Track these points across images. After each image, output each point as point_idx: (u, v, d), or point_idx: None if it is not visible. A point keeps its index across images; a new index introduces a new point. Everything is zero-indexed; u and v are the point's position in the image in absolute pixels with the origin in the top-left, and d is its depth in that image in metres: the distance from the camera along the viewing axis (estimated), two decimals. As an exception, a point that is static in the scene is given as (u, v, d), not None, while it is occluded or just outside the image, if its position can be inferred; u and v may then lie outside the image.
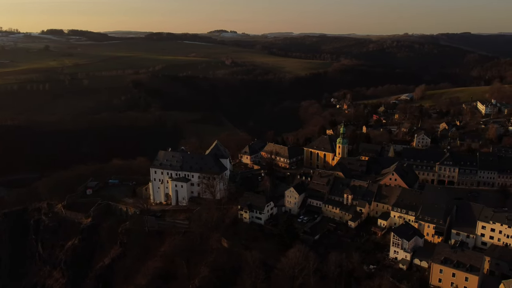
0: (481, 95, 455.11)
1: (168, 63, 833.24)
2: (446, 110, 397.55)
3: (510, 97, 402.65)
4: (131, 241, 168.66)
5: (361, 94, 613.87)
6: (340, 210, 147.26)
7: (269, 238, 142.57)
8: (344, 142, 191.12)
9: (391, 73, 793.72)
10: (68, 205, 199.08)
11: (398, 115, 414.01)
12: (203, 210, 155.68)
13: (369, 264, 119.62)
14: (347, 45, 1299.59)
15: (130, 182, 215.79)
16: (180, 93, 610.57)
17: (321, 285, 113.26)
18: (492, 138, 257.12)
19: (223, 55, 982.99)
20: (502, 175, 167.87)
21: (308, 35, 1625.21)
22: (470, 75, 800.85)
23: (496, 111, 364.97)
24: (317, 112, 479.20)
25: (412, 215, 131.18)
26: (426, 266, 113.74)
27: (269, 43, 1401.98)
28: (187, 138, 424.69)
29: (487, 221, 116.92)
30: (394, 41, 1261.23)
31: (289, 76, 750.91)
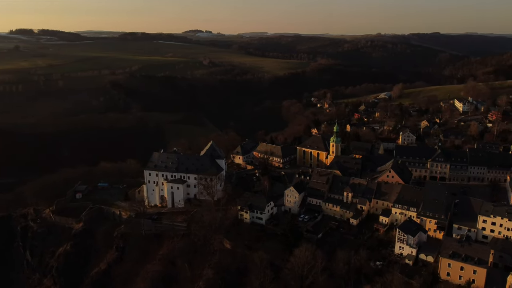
0: (456, 93, 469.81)
1: (145, 63, 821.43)
2: (425, 108, 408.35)
3: (485, 94, 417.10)
4: (127, 245, 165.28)
5: (340, 93, 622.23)
6: (341, 208, 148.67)
7: (272, 238, 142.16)
8: (338, 140, 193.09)
9: (367, 73, 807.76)
10: (57, 210, 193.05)
11: (379, 113, 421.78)
12: (203, 212, 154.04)
13: (375, 260, 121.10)
14: (322, 45, 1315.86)
15: (121, 185, 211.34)
16: (160, 94, 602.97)
17: (330, 283, 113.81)
18: (474, 134, 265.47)
19: (200, 55, 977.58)
20: (492, 170, 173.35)
21: (283, 35, 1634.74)
22: (442, 74, 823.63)
23: (473, 109, 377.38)
24: (300, 112, 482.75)
25: (414, 211, 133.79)
26: (432, 261, 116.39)
27: (245, 43, 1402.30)
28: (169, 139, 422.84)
29: (487, 215, 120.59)
30: (368, 41, 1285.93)
31: (268, 76, 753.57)
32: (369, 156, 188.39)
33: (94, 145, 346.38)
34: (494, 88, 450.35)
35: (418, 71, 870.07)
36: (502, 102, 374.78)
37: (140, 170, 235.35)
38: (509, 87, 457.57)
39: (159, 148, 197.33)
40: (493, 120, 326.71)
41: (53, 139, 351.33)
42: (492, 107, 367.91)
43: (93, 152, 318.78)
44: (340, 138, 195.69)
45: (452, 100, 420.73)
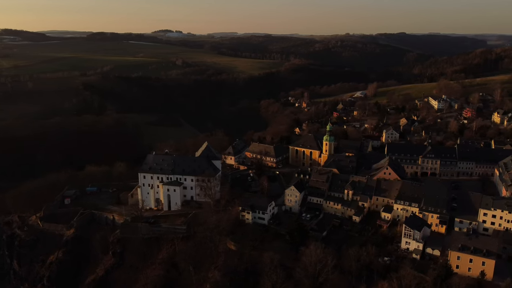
0: (429, 92, 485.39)
1: (116, 64, 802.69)
2: (402, 106, 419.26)
3: (458, 92, 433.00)
4: (125, 250, 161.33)
5: (315, 92, 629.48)
6: (342, 206, 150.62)
7: (277, 238, 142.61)
8: (331, 139, 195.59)
9: (340, 72, 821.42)
10: (45, 217, 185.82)
11: (357, 112, 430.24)
12: (205, 213, 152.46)
13: (383, 256, 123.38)
14: (294, 45, 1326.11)
15: (110, 189, 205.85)
16: (134, 95, 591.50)
17: (342, 281, 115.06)
18: (454, 131, 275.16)
19: (172, 56, 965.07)
20: (480, 165, 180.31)
21: (254, 35, 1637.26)
22: (412, 73, 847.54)
23: (447, 106, 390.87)
24: (279, 111, 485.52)
25: (415, 207, 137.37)
26: (438, 254, 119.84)
27: (217, 43, 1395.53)
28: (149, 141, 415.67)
29: (488, 208, 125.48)
30: (338, 41, 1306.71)
31: (243, 76, 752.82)
32: (363, 154, 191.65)
33: (74, 149, 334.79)
34: (465, 86, 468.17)
35: (388, 70, 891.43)
36: (474, 100, 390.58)
37: (129, 173, 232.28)
38: (478, 85, 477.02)
39: (142, 150, 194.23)
40: (468, 117, 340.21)
41: (28, 143, 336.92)
42: (466, 105, 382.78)
43: (73, 156, 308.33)
44: (333, 136, 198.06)
45: (427, 98, 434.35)
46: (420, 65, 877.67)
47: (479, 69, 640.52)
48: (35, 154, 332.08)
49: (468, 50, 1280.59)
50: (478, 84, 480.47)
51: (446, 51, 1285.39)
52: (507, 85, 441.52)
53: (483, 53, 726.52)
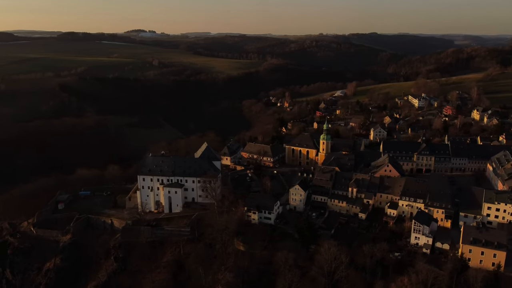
0: (407, 90, 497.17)
1: (91, 65, 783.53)
2: (384, 104, 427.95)
3: (436, 90, 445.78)
4: (127, 255, 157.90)
5: (295, 92, 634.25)
6: (347, 204, 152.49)
7: (285, 237, 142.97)
8: (328, 138, 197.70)
9: (317, 72, 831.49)
10: (39, 223, 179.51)
11: (339, 110, 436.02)
12: (209, 215, 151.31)
13: (393, 252, 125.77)
14: (269, 45, 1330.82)
15: (104, 192, 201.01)
16: (113, 96, 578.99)
17: (358, 277, 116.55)
18: (439, 128, 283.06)
19: (148, 56, 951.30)
20: (472, 160, 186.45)
21: (228, 35, 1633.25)
22: (386, 72, 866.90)
23: (427, 104, 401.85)
24: (262, 111, 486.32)
25: (420, 203, 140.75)
26: (447, 248, 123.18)
27: (192, 43, 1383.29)
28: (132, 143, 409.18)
29: (492, 202, 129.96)
30: (313, 41, 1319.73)
31: (222, 76, 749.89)
32: (359, 152, 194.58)
33: (56, 152, 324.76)
34: (442, 84, 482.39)
35: (364, 70, 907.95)
36: (453, 98, 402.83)
37: (123, 176, 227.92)
38: (453, 84, 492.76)
39: (128, 153, 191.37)
40: (449, 115, 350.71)
41: (8, 148, 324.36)
42: (445, 103, 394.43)
43: (57, 160, 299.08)
44: (330, 135, 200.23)
45: (406, 97, 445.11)
46: (394, 64, 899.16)
47: (452, 68, 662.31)
48: (16, 158, 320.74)
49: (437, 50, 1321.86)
50: (454, 83, 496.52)
51: (416, 50, 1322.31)
52: (481, 83, 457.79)
53: (454, 52, 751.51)
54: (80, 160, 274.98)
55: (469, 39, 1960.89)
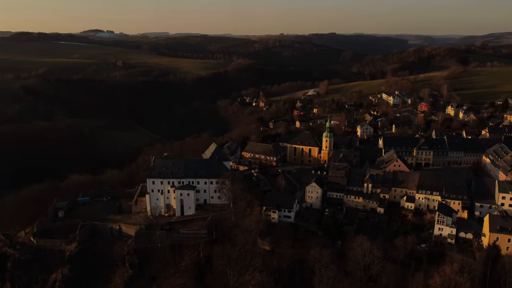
0: (378, 88, 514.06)
1: (51, 66, 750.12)
2: (359, 102, 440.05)
3: (407, 88, 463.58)
4: (143, 261, 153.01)
5: (266, 91, 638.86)
6: (364, 199, 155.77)
7: (309, 235, 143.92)
8: (331, 135, 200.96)
9: (285, 71, 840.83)
10: (39, 233, 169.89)
11: (316, 109, 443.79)
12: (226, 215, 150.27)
13: (420, 243, 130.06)
14: (233, 45, 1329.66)
15: (104, 198, 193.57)
16: (81, 99, 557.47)
17: (395, 270, 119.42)
18: (422, 124, 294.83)
19: (111, 56, 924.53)
20: (468, 153, 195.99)
21: (190, 35, 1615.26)
22: (351, 71, 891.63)
23: (402, 101, 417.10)
24: (239, 111, 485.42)
25: (436, 195, 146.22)
26: (471, 238, 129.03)
27: (153, 43, 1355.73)
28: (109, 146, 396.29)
29: (506, 192, 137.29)
30: (276, 40, 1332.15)
31: (191, 77, 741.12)
32: (364, 149, 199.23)
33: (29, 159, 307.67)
34: (411, 82, 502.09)
35: (328, 69, 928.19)
36: (425, 95, 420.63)
37: (120, 180, 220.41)
38: (421, 81, 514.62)
39: (107, 157, 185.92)
40: (424, 111, 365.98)
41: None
42: (418, 100, 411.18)
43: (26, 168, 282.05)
44: (332, 133, 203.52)
45: (380, 95, 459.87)
46: (358, 63, 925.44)
47: (414, 67, 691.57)
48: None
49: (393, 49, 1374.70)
50: (422, 80, 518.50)
51: (374, 50, 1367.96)
52: (447, 81, 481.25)
53: (415, 51, 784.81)
54: (64, 165, 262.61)
55: (421, 39, 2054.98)
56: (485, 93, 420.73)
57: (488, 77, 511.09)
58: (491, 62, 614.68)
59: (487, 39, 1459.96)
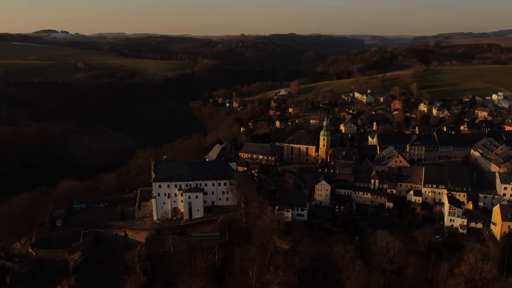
0: (347, 87, 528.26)
1: (7, 68, 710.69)
2: (334, 101, 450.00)
3: (377, 87, 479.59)
4: (156, 267, 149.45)
5: (237, 91, 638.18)
6: (372, 195, 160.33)
7: (324, 232, 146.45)
8: (328, 134, 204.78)
9: (252, 72, 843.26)
10: (38, 243, 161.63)
11: (292, 109, 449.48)
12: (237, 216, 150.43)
13: (434, 235, 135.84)
14: (195, 46, 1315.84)
15: (102, 204, 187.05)
16: (44, 102, 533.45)
17: (419, 262, 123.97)
18: (401, 121, 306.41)
19: (70, 58, 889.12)
20: (456, 148, 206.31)
21: (150, 35, 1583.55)
22: (315, 71, 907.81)
23: (375, 100, 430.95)
24: (215, 112, 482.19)
25: (442, 188, 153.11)
26: (481, 227, 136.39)
27: (113, 44, 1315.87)
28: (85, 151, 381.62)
29: (507, 183, 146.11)
30: (239, 41, 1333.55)
31: (159, 78, 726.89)
32: (360, 146, 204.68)
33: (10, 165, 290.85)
34: (379, 81, 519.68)
35: (294, 69, 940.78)
36: (396, 93, 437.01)
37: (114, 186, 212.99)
38: (389, 80, 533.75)
39: (83, 163, 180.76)
40: (397, 109, 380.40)
41: None
42: (390, 98, 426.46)
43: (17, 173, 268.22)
44: (329, 132, 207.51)
45: (352, 93, 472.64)
46: (322, 63, 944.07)
47: (378, 66, 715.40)
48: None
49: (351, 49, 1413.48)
50: (389, 79, 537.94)
51: (332, 50, 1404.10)
52: (415, 79, 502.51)
53: (378, 51, 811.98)
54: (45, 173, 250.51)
55: (376, 39, 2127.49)
56: (451, 90, 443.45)
57: (450, 75, 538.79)
58: (450, 61, 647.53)
59: (437, 39, 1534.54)
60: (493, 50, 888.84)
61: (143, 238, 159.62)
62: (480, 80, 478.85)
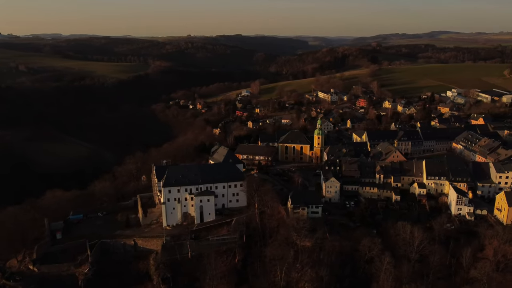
0: (307, 87, 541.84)
1: None
2: (299, 101, 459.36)
3: (339, 86, 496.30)
4: (176, 274, 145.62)
5: (196, 93, 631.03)
6: (378, 189, 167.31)
7: (341, 227, 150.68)
8: (322, 133, 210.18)
9: (207, 73, 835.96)
10: (39, 259, 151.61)
11: (258, 109, 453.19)
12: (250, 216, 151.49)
13: (446, 223, 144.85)
14: (142, 47, 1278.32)
15: (99, 213, 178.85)
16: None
17: (439, 249, 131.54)
18: (373, 118, 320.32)
19: (8, 60, 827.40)
20: (438, 142, 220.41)
21: (93, 36, 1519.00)
22: (268, 71, 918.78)
23: (339, 99, 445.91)
24: (180, 115, 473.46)
25: (443, 179, 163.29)
26: (486, 213, 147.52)
27: (52, 45, 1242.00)
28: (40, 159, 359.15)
29: (502, 172, 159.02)
30: (188, 42, 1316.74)
31: (112, 80, 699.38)
32: (354, 143, 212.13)
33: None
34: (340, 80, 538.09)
35: (247, 70, 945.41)
36: (358, 91, 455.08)
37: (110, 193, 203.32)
38: (347, 79, 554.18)
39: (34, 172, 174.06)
40: (363, 106, 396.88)
41: None
42: (353, 97, 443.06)
43: None
44: (322, 130, 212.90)
45: (315, 93, 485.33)
46: (275, 64, 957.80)
47: (331, 66, 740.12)
48: None
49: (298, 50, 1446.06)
50: (347, 78, 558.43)
51: (279, 50, 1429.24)
52: (371, 78, 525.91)
53: (329, 52, 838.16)
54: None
55: (319, 40, 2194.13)
56: (407, 88, 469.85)
57: (402, 74, 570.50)
58: (399, 61, 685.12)
59: (376, 40, 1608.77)
60: (430, 50, 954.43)
61: (155, 246, 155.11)
62: (431, 78, 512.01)
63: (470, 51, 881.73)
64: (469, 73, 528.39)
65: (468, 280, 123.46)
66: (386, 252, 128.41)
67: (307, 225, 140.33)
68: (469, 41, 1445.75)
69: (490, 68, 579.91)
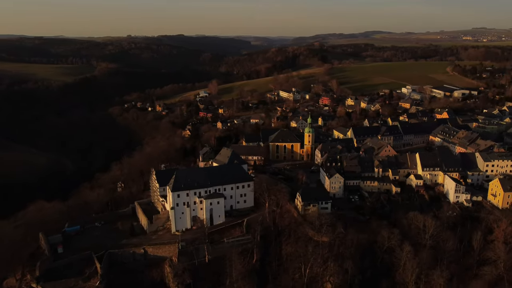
0: (265, 86, 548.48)
1: None
2: (262, 100, 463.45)
3: (299, 85, 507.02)
4: (195, 279, 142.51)
5: (150, 95, 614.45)
6: (378, 183, 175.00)
7: (353, 221, 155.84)
8: (312, 130, 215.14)
9: (157, 74, 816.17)
10: (43, 276, 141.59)
11: (222, 109, 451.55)
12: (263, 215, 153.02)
13: (448, 211, 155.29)
14: (81, 48, 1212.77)
15: (97, 223, 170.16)
16: None
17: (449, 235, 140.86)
18: (343, 115, 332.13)
19: None
20: (417, 136, 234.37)
21: (23, 37, 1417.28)
22: (219, 71, 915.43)
23: (301, 97, 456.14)
24: (141, 118, 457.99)
25: (437, 170, 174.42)
26: (481, 199, 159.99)
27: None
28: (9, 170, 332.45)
29: (489, 160, 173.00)
30: (131, 42, 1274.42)
31: (57, 84, 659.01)
32: (341, 140, 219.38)
33: None
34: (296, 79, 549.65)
35: (195, 70, 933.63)
36: (319, 90, 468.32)
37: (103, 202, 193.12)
38: (304, 78, 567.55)
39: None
40: (327, 104, 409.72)
41: None
42: (315, 95, 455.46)
43: None
44: (313, 128, 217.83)
45: (276, 92, 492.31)
46: (225, 64, 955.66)
47: (283, 65, 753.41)
48: None
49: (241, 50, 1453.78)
50: (304, 77, 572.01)
51: (223, 50, 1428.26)
52: (328, 77, 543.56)
53: (279, 52, 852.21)
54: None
55: (260, 40, 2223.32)
56: (362, 86, 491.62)
57: (353, 72, 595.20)
58: (348, 60, 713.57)
59: (316, 40, 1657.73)
60: (370, 50, 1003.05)
61: (167, 252, 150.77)
62: (382, 76, 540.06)
63: (407, 50, 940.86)
64: (415, 71, 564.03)
65: (480, 261, 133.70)
66: (405, 241, 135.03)
67: (329, 221, 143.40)
68: (401, 40, 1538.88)
69: (432, 66, 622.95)
